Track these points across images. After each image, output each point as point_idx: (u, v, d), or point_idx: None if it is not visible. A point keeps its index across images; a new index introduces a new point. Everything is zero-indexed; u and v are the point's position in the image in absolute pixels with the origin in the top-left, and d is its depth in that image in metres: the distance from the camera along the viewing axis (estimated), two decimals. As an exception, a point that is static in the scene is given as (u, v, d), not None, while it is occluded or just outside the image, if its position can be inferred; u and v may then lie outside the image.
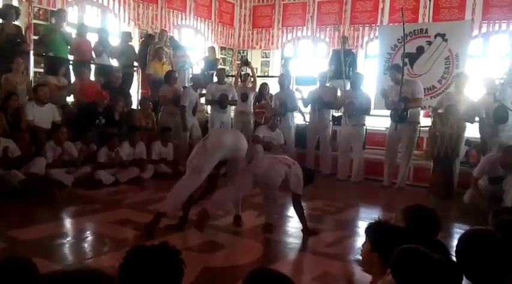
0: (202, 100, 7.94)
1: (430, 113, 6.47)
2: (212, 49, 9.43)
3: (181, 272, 1.54)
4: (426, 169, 6.36)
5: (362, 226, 4.52)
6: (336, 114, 7.81)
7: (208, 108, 8.13)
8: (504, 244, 1.76)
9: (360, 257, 2.15)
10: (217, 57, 9.69)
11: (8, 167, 5.04)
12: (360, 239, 4.00)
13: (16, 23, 6.54)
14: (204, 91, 7.66)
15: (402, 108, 6.13)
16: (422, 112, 7.17)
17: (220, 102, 7.31)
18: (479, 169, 5.20)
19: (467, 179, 5.72)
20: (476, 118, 6.03)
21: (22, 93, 6.01)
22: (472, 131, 6.31)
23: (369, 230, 2.09)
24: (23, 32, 6.80)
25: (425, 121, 6.58)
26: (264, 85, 8.14)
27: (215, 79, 7.95)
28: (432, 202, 5.34)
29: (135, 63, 8.07)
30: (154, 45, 8.03)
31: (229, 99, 7.36)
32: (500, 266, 1.73)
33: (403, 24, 6.59)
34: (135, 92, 7.98)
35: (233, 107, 7.76)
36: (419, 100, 6.29)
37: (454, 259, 2.27)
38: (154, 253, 1.53)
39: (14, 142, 5.25)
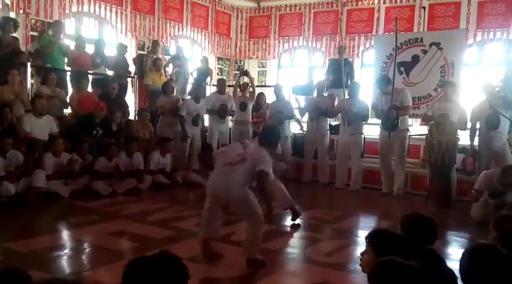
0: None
1: (422, 121, 6.54)
2: (205, 59, 9.46)
3: (187, 277, 1.53)
4: (424, 177, 6.37)
5: (361, 234, 4.53)
6: (334, 123, 7.84)
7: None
8: (510, 260, 1.75)
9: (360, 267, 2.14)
10: (209, 67, 9.71)
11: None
12: (359, 248, 4.00)
13: (14, 34, 6.56)
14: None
15: (394, 116, 6.21)
16: (418, 121, 7.22)
17: (220, 113, 7.33)
18: (479, 184, 5.01)
19: (465, 187, 5.75)
20: (469, 126, 6.08)
21: (18, 105, 6.01)
22: (468, 139, 6.34)
23: (372, 239, 2.08)
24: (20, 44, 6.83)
25: (421, 130, 6.62)
26: (261, 95, 8.17)
27: (213, 89, 7.98)
28: (430, 210, 5.34)
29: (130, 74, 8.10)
30: (150, 56, 8.08)
31: (228, 109, 7.40)
32: (506, 282, 1.71)
33: (396, 33, 6.67)
34: (132, 103, 7.98)
35: (231, 116, 7.81)
36: (408, 108, 6.48)
37: (449, 267, 2.29)
38: (156, 262, 1.52)
39: (21, 154, 5.30)
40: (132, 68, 8.15)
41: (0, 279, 1.55)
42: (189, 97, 7.60)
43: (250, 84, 8.04)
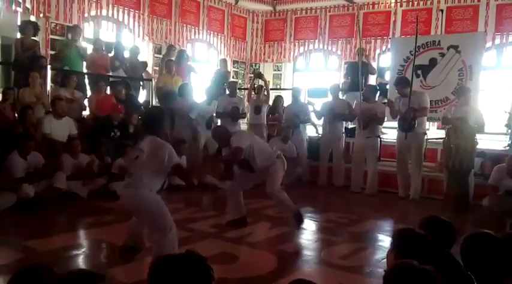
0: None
1: (441, 124, 6.46)
2: (224, 61, 9.49)
3: (212, 278, 1.53)
4: (441, 181, 6.30)
5: (377, 238, 4.51)
6: (349, 126, 7.80)
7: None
8: (505, 245, 1.93)
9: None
10: (228, 69, 9.76)
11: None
12: (375, 252, 3.99)
13: (34, 38, 6.69)
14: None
15: (411, 117, 6.16)
16: (436, 124, 7.15)
17: (232, 115, 7.36)
18: (491, 179, 5.39)
19: (483, 191, 5.66)
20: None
21: (39, 106, 6.14)
22: (486, 143, 6.27)
23: (395, 237, 2.11)
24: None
25: (439, 133, 6.55)
26: (279, 98, 8.17)
27: (227, 92, 8.01)
28: (447, 215, 5.28)
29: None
30: (165, 59, 8.14)
31: (240, 112, 7.44)
32: (501, 265, 1.89)
33: (416, 35, 6.62)
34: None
35: (245, 119, 7.83)
36: (426, 109, 6.37)
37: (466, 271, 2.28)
38: (182, 260, 1.52)
39: (41, 156, 5.42)
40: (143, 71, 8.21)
41: (27, 275, 1.58)
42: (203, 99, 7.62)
43: (264, 87, 8.06)
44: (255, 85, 8.34)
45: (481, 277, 1.92)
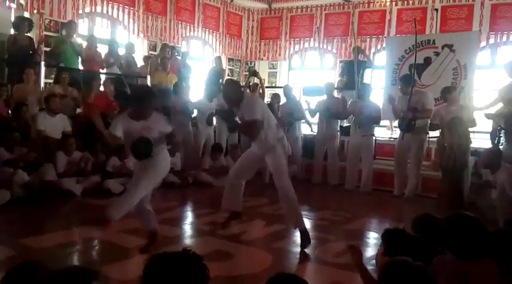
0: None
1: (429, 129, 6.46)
2: (218, 59, 9.47)
3: (207, 277, 1.52)
4: (435, 179, 6.32)
5: (371, 236, 4.52)
6: (344, 125, 7.82)
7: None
8: (482, 226, 2.09)
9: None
10: (223, 67, 9.74)
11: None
12: (369, 250, 4.00)
13: (28, 34, 6.65)
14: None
15: (410, 118, 6.16)
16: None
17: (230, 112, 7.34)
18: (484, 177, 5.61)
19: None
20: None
21: (33, 103, 6.10)
22: (480, 142, 6.30)
23: (385, 234, 2.15)
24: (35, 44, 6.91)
25: (433, 132, 6.57)
26: (276, 96, 8.17)
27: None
28: (441, 213, 5.30)
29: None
30: (154, 59, 8.11)
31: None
32: (476, 243, 2.02)
33: (416, 34, 6.62)
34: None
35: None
36: (429, 111, 6.29)
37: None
38: (177, 259, 1.51)
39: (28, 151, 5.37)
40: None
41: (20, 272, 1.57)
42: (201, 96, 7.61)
43: (259, 85, 8.05)
44: (250, 83, 8.33)
45: (458, 252, 2.04)
